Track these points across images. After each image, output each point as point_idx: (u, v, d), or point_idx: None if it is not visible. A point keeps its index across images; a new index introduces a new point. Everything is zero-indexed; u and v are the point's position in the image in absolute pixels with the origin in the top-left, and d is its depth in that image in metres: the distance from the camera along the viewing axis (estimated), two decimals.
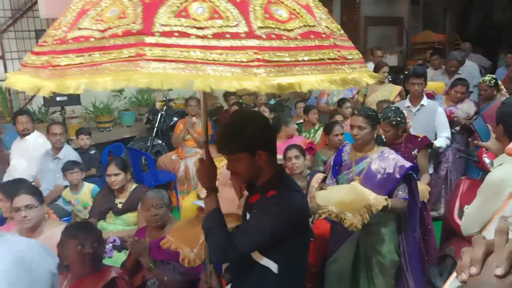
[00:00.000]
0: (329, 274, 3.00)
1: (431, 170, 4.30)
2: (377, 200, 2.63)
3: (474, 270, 0.70)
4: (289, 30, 1.47)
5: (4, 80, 6.17)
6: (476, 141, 3.01)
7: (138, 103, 7.23)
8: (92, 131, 5.47)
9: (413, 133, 3.75)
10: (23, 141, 4.61)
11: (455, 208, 3.25)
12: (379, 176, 2.82)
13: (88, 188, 3.92)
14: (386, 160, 2.84)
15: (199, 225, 2.00)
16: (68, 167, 3.91)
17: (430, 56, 7.64)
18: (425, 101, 4.30)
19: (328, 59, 1.53)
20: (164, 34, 1.33)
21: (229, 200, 2.98)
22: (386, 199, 2.65)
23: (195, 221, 2.47)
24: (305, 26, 1.52)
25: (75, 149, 4.72)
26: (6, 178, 4.19)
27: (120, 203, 3.47)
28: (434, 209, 4.83)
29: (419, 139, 3.53)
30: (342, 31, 1.78)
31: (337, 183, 3.05)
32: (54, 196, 4.22)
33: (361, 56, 1.81)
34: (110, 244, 3.14)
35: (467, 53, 8.43)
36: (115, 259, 3.03)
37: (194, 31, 1.34)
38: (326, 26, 1.63)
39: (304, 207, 1.93)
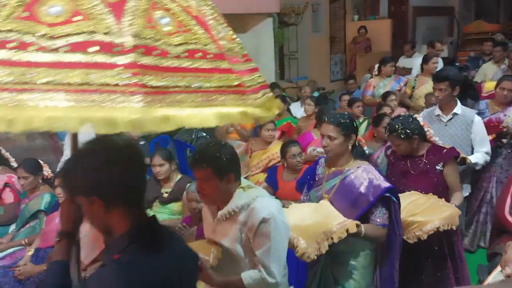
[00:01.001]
0: None
1: (465, 193, 3.60)
2: (343, 226, 2.22)
3: None
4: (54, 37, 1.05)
5: None
6: None
7: None
8: None
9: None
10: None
11: (506, 205, 3.11)
12: (350, 196, 2.39)
13: None
14: (360, 178, 2.40)
15: None
16: None
17: (492, 48, 6.88)
18: (458, 108, 3.53)
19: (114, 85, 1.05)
20: None
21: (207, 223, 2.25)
22: (358, 225, 2.26)
23: None
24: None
25: None
26: (60, 167, 4.41)
27: (165, 192, 3.58)
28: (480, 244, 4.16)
29: (445, 150, 2.98)
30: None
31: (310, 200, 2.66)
32: None
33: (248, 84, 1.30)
34: None
35: None
36: None
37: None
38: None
39: (156, 276, 1.36)
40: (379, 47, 10.86)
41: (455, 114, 3.53)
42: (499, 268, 0.71)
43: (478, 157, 3.48)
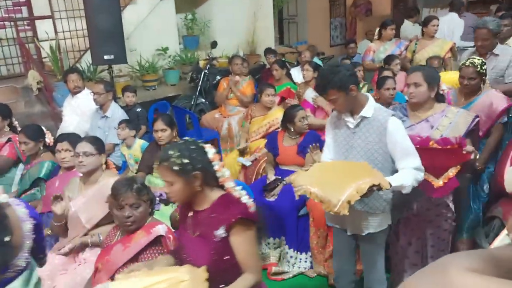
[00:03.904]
0: None
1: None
2: None
3: None
4: None
5: (54, 40, 6.36)
6: None
7: (182, 62, 7.28)
8: (138, 89, 5.59)
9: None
10: (74, 98, 4.78)
11: (505, 169, 3.13)
12: None
13: (139, 144, 4.16)
14: None
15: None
16: (118, 124, 4.21)
17: (495, 13, 6.26)
18: (368, 110, 2.38)
19: None
20: None
21: None
22: None
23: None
24: None
25: (122, 107, 4.86)
26: (59, 134, 4.40)
27: None
28: None
29: (233, 205, 1.85)
30: None
31: None
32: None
33: None
34: (157, 198, 3.27)
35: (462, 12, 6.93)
36: (162, 212, 3.16)
37: None
38: None
39: None
40: (379, 10, 10.66)
41: (364, 117, 2.39)
42: (505, 231, 0.71)
43: (407, 176, 2.28)
